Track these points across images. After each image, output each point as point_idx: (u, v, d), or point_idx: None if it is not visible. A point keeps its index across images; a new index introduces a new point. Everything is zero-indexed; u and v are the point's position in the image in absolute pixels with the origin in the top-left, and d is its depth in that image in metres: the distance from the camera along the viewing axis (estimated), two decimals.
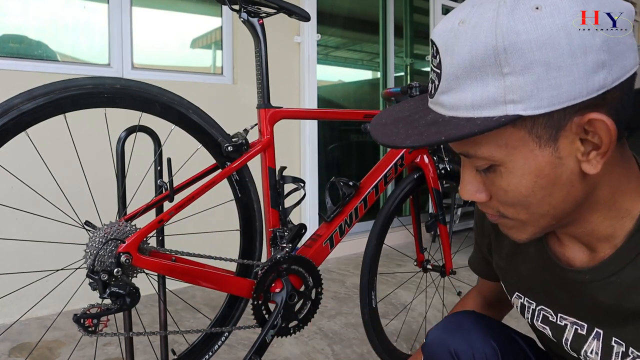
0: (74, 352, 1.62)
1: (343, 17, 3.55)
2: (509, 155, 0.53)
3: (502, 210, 0.58)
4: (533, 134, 0.51)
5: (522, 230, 0.59)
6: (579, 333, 0.66)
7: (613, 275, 0.59)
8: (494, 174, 0.55)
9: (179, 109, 1.09)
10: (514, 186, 0.54)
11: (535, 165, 0.53)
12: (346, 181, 1.30)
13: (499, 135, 0.52)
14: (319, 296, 1.23)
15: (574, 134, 0.51)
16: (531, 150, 0.52)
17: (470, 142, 0.54)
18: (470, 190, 0.59)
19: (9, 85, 1.86)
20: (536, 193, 0.54)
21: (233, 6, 1.18)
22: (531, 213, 0.56)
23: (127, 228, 1.03)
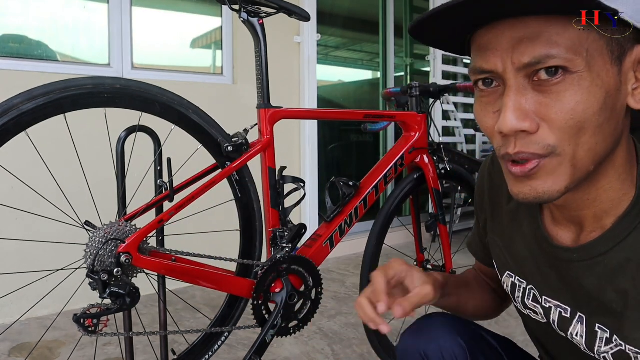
0: (74, 352, 1.63)
1: (343, 17, 3.55)
2: (587, 63, 0.49)
3: (551, 141, 0.51)
4: (609, 47, 0.50)
5: (560, 175, 0.53)
6: (563, 316, 0.66)
7: (600, 255, 0.58)
8: (562, 85, 0.50)
9: (179, 109, 1.09)
10: (586, 98, 0.50)
11: (607, 80, 0.51)
12: (346, 181, 1.30)
13: (584, 39, 0.49)
14: (319, 296, 1.23)
15: (633, 61, 0.52)
16: (605, 63, 0.50)
17: (549, 42, 0.49)
18: (520, 116, 0.51)
19: (9, 85, 1.86)
20: (601, 114, 0.51)
21: (233, 6, 1.18)
22: (581, 144, 0.51)
23: (127, 228, 1.03)
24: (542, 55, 0.49)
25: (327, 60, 3.48)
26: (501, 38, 0.52)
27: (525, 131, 0.51)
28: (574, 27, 0.49)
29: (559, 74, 0.50)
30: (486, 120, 0.57)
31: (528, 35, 0.50)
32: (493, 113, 0.55)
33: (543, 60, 0.49)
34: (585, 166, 0.53)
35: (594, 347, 0.62)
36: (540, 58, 0.49)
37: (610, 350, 0.60)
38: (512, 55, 0.51)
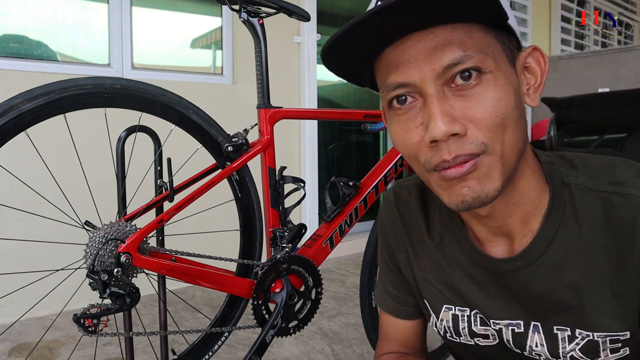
0: (74, 352, 1.62)
1: (343, 17, 3.55)
2: (496, 64, 0.53)
3: (482, 138, 0.52)
4: (504, 51, 0.54)
5: (495, 174, 0.54)
6: (516, 332, 0.65)
7: (541, 256, 0.60)
8: (480, 87, 0.52)
9: (179, 109, 1.09)
10: (504, 95, 0.52)
11: (512, 79, 0.54)
12: (346, 181, 1.30)
13: (487, 43, 0.53)
14: (319, 296, 1.23)
15: (521, 65, 0.57)
16: (507, 65, 0.54)
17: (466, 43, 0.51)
18: (448, 120, 0.51)
19: (9, 85, 1.87)
20: (515, 111, 0.54)
21: (233, 6, 1.18)
22: (507, 140, 0.53)
23: (127, 228, 1.03)
24: (460, 56, 0.51)
25: None
26: (413, 50, 0.53)
27: (457, 134, 0.52)
28: (476, 33, 0.52)
29: (473, 76, 0.52)
30: (410, 137, 0.56)
31: (441, 42, 0.52)
32: (416, 127, 0.55)
33: (461, 60, 0.51)
34: (512, 163, 0.55)
35: (558, 350, 0.62)
36: (460, 58, 0.51)
37: (576, 346, 0.61)
38: (430, 63, 0.52)
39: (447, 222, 0.69)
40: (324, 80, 3.43)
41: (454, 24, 0.52)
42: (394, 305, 0.80)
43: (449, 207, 0.57)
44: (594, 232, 0.57)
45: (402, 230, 0.75)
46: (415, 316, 0.79)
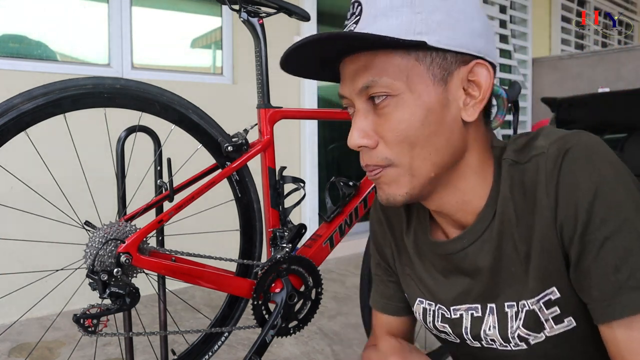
0: (74, 352, 1.62)
1: (343, 17, 3.54)
2: (408, 86, 0.58)
3: (388, 154, 0.60)
4: (430, 71, 0.58)
5: (401, 183, 0.61)
6: (475, 317, 0.67)
7: (485, 231, 0.63)
8: (389, 107, 0.59)
9: (178, 109, 1.09)
10: (408, 117, 0.58)
11: (428, 99, 0.58)
12: (346, 181, 1.30)
13: (403, 66, 0.58)
14: (319, 296, 1.23)
15: (460, 80, 0.59)
16: (427, 85, 0.58)
17: (376, 69, 0.58)
18: (360, 135, 0.61)
19: (9, 85, 1.87)
20: (424, 128, 0.58)
21: (233, 6, 1.18)
22: (415, 155, 0.59)
23: (127, 228, 1.03)
24: (369, 81, 0.59)
25: None
26: (346, 69, 0.62)
27: (366, 146, 0.61)
28: (394, 58, 0.58)
29: (382, 99, 0.59)
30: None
31: (360, 67, 0.59)
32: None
33: (371, 84, 0.59)
34: (424, 174, 0.61)
35: (507, 331, 0.64)
36: (368, 83, 0.59)
37: (520, 322, 0.63)
38: (353, 83, 0.61)
39: (420, 218, 0.74)
40: None
41: (374, 50, 0.58)
42: (382, 302, 0.84)
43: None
44: (520, 202, 0.60)
45: (386, 227, 0.81)
46: (403, 312, 0.82)
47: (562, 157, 0.56)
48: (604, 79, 3.89)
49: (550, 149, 0.57)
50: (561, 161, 0.56)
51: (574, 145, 0.56)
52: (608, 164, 0.55)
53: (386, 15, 0.57)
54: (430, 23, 0.57)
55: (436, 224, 0.72)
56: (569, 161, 0.55)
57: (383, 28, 0.56)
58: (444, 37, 0.57)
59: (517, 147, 0.62)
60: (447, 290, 0.70)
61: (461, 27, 0.58)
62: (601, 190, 0.53)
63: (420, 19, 0.57)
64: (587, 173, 0.54)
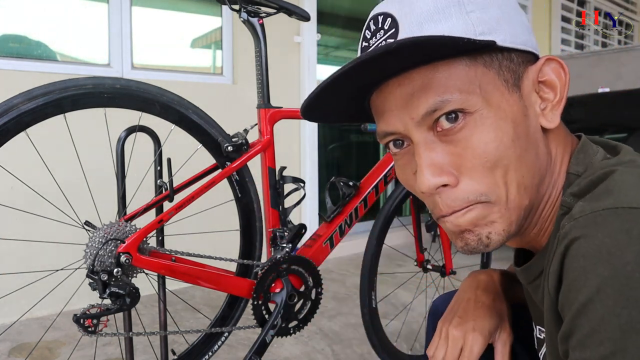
0: (74, 352, 1.62)
1: (343, 17, 3.55)
2: (484, 99, 0.48)
3: (479, 188, 0.49)
4: (501, 76, 0.49)
5: (496, 221, 0.50)
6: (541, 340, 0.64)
7: (537, 278, 0.56)
8: (466, 130, 0.48)
9: (178, 109, 1.09)
10: (494, 135, 0.48)
11: (510, 109, 0.49)
12: (346, 181, 1.30)
13: (472, 76, 0.48)
14: (319, 296, 1.23)
15: (531, 83, 0.51)
16: (502, 94, 0.49)
17: (442, 87, 0.48)
18: (435, 172, 0.49)
19: (9, 85, 1.87)
20: (515, 145, 0.48)
21: (233, 6, 1.18)
22: (509, 182, 0.49)
23: (127, 228, 1.03)
24: (437, 102, 0.48)
25: (327, 60, 3.47)
26: (391, 98, 0.50)
27: (447, 185, 0.49)
28: (459, 68, 0.48)
29: (459, 119, 0.48)
30: (410, 184, 0.54)
31: (417, 88, 0.48)
32: (412, 174, 0.52)
33: (439, 106, 0.48)
34: (520, 204, 0.51)
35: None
36: (436, 105, 0.48)
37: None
38: (409, 111, 0.49)
39: None
40: None
41: (432, 64, 0.48)
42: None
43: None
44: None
45: None
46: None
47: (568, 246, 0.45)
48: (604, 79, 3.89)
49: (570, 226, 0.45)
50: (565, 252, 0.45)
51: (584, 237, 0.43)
52: (611, 270, 0.41)
53: (433, 19, 0.48)
54: (489, 20, 0.48)
55: None
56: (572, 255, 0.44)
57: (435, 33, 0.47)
58: (508, 35, 0.49)
59: (581, 188, 0.50)
60: (532, 305, 0.65)
61: (516, 21, 0.51)
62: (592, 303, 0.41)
63: (476, 18, 0.48)
64: (582, 281, 0.43)
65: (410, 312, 2.03)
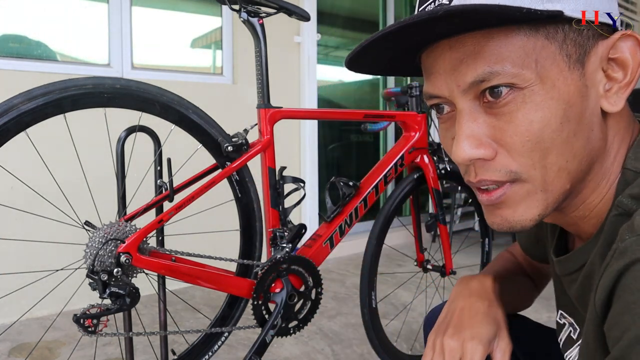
0: (74, 352, 1.62)
1: (343, 17, 3.55)
2: (539, 74, 0.45)
3: (513, 166, 0.47)
4: (564, 50, 0.45)
5: (531, 202, 0.49)
6: (570, 336, 0.61)
7: (575, 272, 0.54)
8: (513, 105, 0.46)
9: (178, 109, 1.09)
10: (542, 115, 0.45)
11: (565, 89, 0.45)
12: (346, 181, 1.30)
13: (530, 48, 0.44)
14: (319, 296, 1.23)
15: (599, 59, 0.46)
16: (561, 70, 0.45)
17: (494, 56, 0.45)
18: (474, 143, 0.47)
19: (9, 85, 1.87)
20: (564, 128, 0.45)
21: (233, 6, 1.18)
22: (549, 166, 0.47)
23: (127, 228, 1.03)
24: (485, 73, 0.45)
25: (327, 60, 3.47)
26: (441, 61, 0.48)
27: (482, 158, 0.48)
28: (516, 38, 0.44)
29: (505, 92, 0.45)
30: (449, 149, 0.52)
31: (467, 54, 0.46)
32: (451, 139, 0.51)
33: (487, 77, 0.45)
34: (559, 188, 0.48)
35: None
36: (484, 76, 0.45)
37: None
38: (455, 77, 0.47)
39: None
40: (324, 80, 3.43)
41: (488, 30, 0.45)
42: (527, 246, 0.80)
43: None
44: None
45: None
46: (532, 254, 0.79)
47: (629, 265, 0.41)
48: None
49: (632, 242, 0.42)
50: (624, 269, 0.42)
51: None
52: None
53: None
54: None
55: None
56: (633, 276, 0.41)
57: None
58: (581, 2, 0.44)
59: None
60: (562, 292, 0.62)
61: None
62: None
63: None
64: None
65: (410, 312, 2.03)
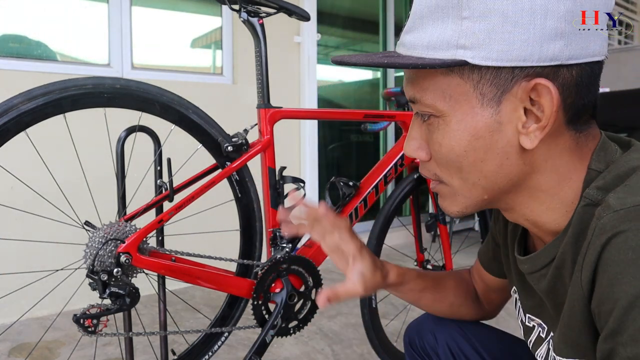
0: (74, 352, 1.62)
1: (343, 17, 3.55)
2: (451, 107, 0.52)
3: (438, 173, 0.57)
4: (478, 89, 0.50)
5: (454, 200, 0.58)
6: (540, 336, 0.64)
7: (544, 267, 0.57)
8: (433, 127, 0.55)
9: (178, 109, 1.09)
10: (448, 142, 0.53)
11: (473, 124, 0.51)
12: (346, 181, 1.30)
13: (445, 85, 0.52)
14: None
15: (519, 100, 0.50)
16: (472, 107, 0.51)
17: (418, 86, 0.54)
18: (413, 146, 0.58)
19: (9, 85, 1.87)
20: (468, 155, 0.53)
21: (233, 6, 1.18)
22: (463, 179, 0.55)
23: (127, 228, 1.03)
24: (412, 96, 0.55)
25: (327, 60, 3.48)
26: (405, 72, 0.58)
27: (420, 159, 0.59)
28: (435, 76, 0.52)
29: (429, 117, 0.55)
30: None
31: (408, 78, 0.56)
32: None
33: (414, 100, 0.55)
34: (475, 197, 0.56)
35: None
36: (412, 98, 0.56)
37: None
38: (406, 90, 0.57)
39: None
40: (324, 80, 3.43)
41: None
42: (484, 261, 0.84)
43: None
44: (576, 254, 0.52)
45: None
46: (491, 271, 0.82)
47: (610, 238, 0.44)
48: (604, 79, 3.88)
49: (610, 218, 0.45)
50: (606, 243, 0.45)
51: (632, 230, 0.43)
52: None
53: (432, 16, 0.51)
54: (478, 32, 0.48)
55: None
56: (616, 248, 0.44)
57: (424, 37, 0.51)
58: (494, 51, 0.48)
59: (607, 181, 0.50)
60: (528, 295, 0.67)
61: (524, 32, 0.47)
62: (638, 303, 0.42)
63: (465, 28, 0.48)
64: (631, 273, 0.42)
65: (410, 312, 2.03)
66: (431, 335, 0.84)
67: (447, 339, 0.82)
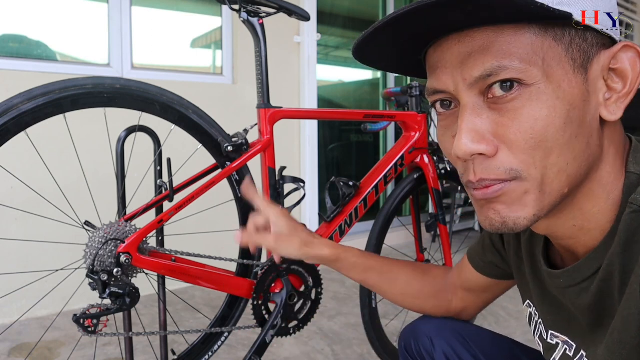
0: (74, 352, 1.62)
1: (343, 17, 3.55)
2: (545, 73, 0.45)
3: (514, 164, 0.47)
4: (569, 54, 0.46)
5: (528, 201, 0.48)
6: (566, 354, 0.59)
7: (586, 280, 0.52)
8: (519, 101, 0.45)
9: (178, 109, 1.09)
10: (547, 114, 0.45)
11: (570, 91, 0.45)
12: (346, 181, 1.30)
13: (539, 47, 0.45)
14: (319, 296, 1.23)
15: (601, 68, 0.47)
16: (566, 72, 0.45)
17: (502, 52, 0.45)
18: (475, 138, 0.46)
19: (9, 85, 1.87)
20: (567, 129, 0.45)
21: (233, 6, 1.18)
22: (551, 165, 0.46)
23: (127, 228, 1.03)
24: (493, 67, 0.45)
25: (327, 60, 3.47)
26: (449, 54, 0.48)
27: (483, 154, 0.47)
28: (526, 36, 0.45)
29: (514, 88, 0.45)
30: (447, 147, 0.52)
31: (477, 48, 0.46)
32: (452, 137, 0.51)
33: (495, 72, 0.45)
34: (557, 190, 0.48)
35: None
36: (492, 70, 0.45)
37: None
38: (462, 71, 0.47)
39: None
40: (324, 80, 3.43)
41: (499, 25, 0.45)
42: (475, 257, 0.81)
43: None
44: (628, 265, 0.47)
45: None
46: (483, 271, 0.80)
47: None
48: None
49: None
50: None
51: None
52: None
53: None
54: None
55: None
56: None
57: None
58: (589, 10, 0.45)
59: None
60: (552, 311, 0.61)
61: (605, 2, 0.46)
62: None
63: None
64: None
65: (410, 312, 2.03)
66: (427, 339, 0.83)
67: (444, 344, 0.80)
